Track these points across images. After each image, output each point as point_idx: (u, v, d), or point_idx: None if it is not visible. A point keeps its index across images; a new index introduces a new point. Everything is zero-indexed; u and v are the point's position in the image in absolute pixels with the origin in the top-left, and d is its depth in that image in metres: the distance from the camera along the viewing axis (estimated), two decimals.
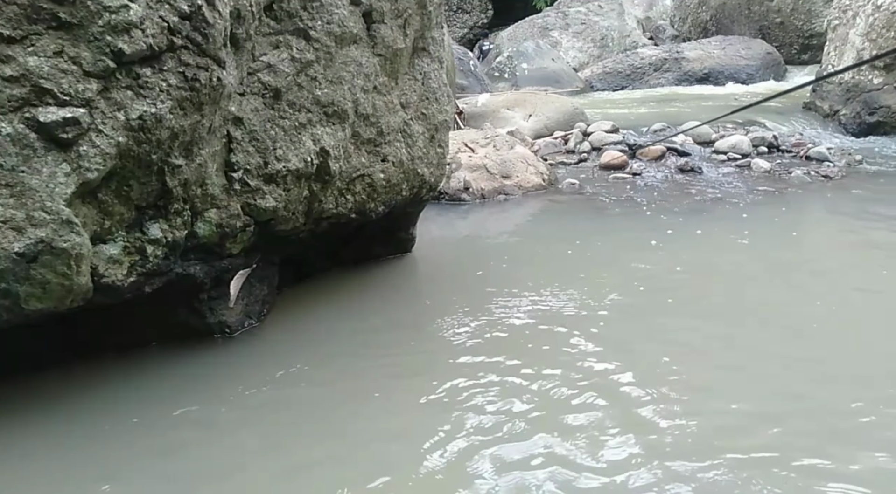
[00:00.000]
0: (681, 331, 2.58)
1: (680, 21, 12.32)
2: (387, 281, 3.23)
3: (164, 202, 2.12)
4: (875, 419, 1.96)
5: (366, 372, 2.33)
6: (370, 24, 2.77)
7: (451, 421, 2.01)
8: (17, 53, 1.69)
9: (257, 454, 1.90)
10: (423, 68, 3.20)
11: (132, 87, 1.86)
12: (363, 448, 1.91)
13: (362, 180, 2.89)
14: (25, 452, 1.92)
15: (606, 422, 1.97)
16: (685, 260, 3.38)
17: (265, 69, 2.37)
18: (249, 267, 2.59)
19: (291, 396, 2.20)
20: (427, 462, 1.83)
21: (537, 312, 2.76)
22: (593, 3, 12.31)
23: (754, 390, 2.14)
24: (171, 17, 1.89)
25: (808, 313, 2.72)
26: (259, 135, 2.37)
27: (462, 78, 8.15)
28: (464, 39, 13.37)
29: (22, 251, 1.76)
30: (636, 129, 6.14)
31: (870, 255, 3.39)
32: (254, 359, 2.44)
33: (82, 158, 1.81)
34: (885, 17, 6.11)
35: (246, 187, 2.37)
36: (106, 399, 2.17)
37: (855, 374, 2.22)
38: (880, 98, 6.28)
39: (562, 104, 6.65)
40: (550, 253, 3.60)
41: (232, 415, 2.10)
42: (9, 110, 1.70)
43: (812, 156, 5.40)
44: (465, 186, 4.65)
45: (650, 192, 4.69)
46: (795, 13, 10.48)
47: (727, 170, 5.18)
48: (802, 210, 4.34)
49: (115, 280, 2.04)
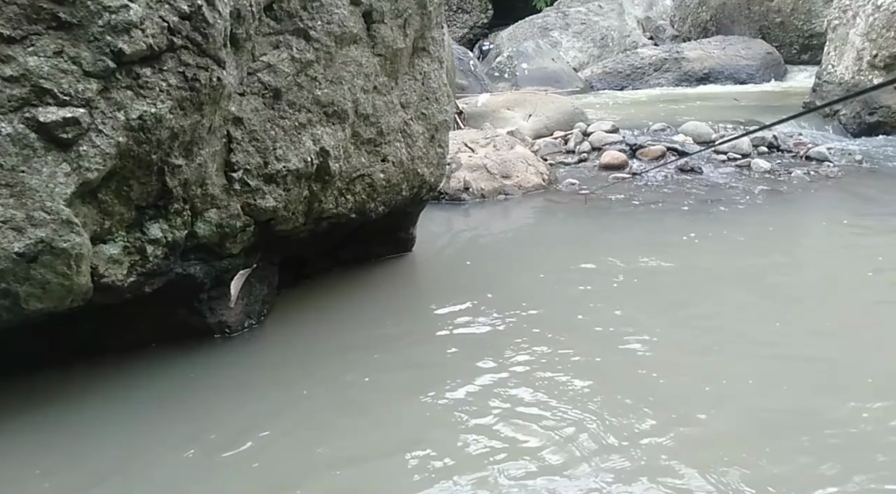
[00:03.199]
0: (682, 332, 2.58)
1: (680, 21, 12.32)
2: (387, 280, 3.23)
3: (164, 202, 2.12)
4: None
5: (366, 372, 2.33)
6: (370, 24, 2.77)
7: (452, 421, 2.01)
8: (17, 53, 1.69)
9: (257, 454, 1.90)
10: (423, 68, 3.20)
11: (132, 87, 1.86)
12: (363, 449, 1.91)
13: (362, 180, 2.89)
14: (25, 452, 1.92)
15: (607, 424, 1.98)
16: (685, 260, 3.38)
17: (265, 69, 2.37)
18: (249, 267, 2.59)
19: (291, 396, 2.20)
20: (427, 463, 1.83)
21: (537, 312, 2.75)
22: (593, 3, 12.31)
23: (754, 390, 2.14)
24: (171, 17, 1.89)
25: (808, 313, 2.72)
26: (259, 135, 2.37)
27: (462, 78, 8.15)
28: (464, 39, 13.37)
29: (22, 251, 1.76)
30: (636, 129, 6.15)
31: (870, 255, 3.39)
32: (254, 359, 2.44)
33: (82, 158, 1.81)
34: (885, 17, 6.11)
35: (246, 187, 2.37)
36: (106, 399, 2.17)
37: (861, 378, 2.22)
38: (880, 98, 6.27)
39: (562, 104, 6.65)
40: (550, 253, 3.60)
41: (232, 415, 2.10)
42: (9, 110, 1.70)
43: (812, 156, 5.39)
44: (465, 186, 4.65)
45: (650, 192, 4.69)
46: (795, 13, 10.48)
47: (727, 170, 5.18)
48: (803, 210, 4.33)
49: (115, 280, 2.04)
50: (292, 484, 1.77)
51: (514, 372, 2.28)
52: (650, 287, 3.00)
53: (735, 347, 2.44)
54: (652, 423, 1.96)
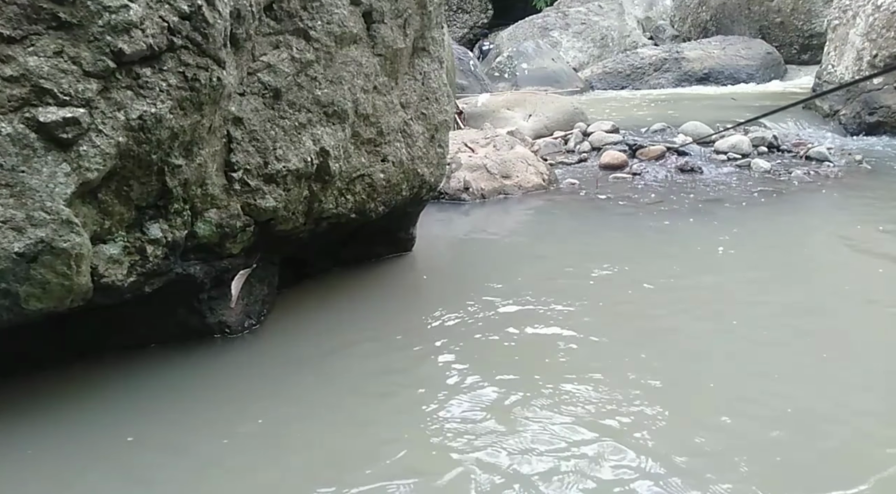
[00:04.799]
0: (683, 333, 2.58)
1: (680, 21, 12.32)
2: (387, 280, 3.23)
3: (164, 202, 2.12)
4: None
5: (366, 372, 2.33)
6: (370, 24, 2.77)
7: (452, 422, 2.01)
8: (17, 53, 1.69)
9: (257, 453, 1.90)
10: (423, 68, 3.20)
11: (132, 87, 1.87)
12: (363, 449, 1.91)
13: (362, 180, 2.89)
14: (25, 452, 1.91)
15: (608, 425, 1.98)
16: (685, 260, 3.38)
17: (265, 69, 2.37)
18: (249, 267, 2.59)
19: (291, 396, 2.20)
20: (428, 463, 1.83)
21: (537, 312, 2.75)
22: (593, 3, 12.31)
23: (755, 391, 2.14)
24: (171, 17, 1.89)
25: (806, 314, 2.72)
26: (259, 135, 2.37)
27: (462, 78, 8.15)
28: (464, 39, 13.37)
29: (22, 251, 1.76)
30: (636, 129, 6.15)
31: (870, 256, 3.39)
32: (254, 359, 2.44)
33: (82, 158, 1.81)
34: (885, 17, 6.11)
35: (246, 187, 2.37)
36: (106, 399, 2.17)
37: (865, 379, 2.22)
38: (880, 98, 6.28)
39: (562, 104, 6.65)
40: (550, 253, 3.60)
41: (232, 416, 2.10)
42: (9, 110, 1.70)
43: (812, 156, 5.39)
44: (465, 186, 4.65)
45: (650, 192, 4.69)
46: (795, 13, 10.48)
47: (727, 170, 5.18)
48: (803, 210, 4.33)
49: (115, 280, 2.04)
50: (292, 484, 1.77)
51: (514, 371, 2.28)
52: (650, 286, 3.00)
53: (735, 347, 2.45)
54: (652, 423, 1.97)
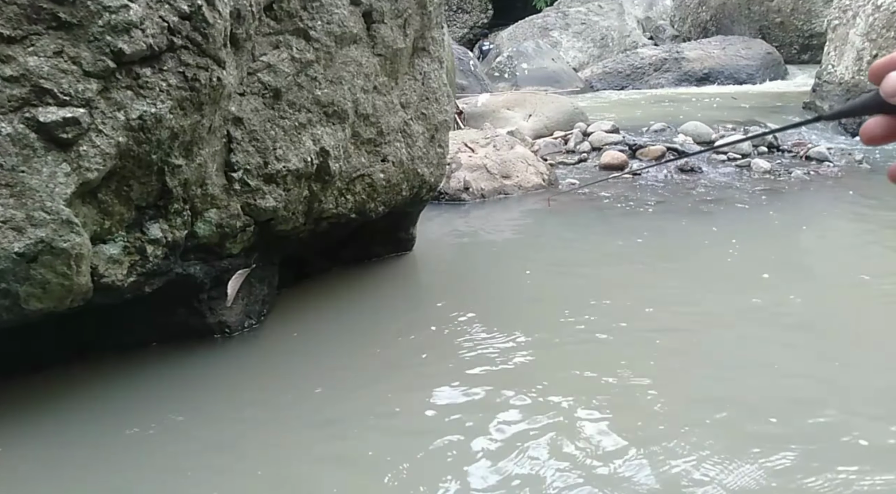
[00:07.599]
0: (684, 334, 2.58)
1: (680, 21, 12.32)
2: (387, 280, 3.23)
3: (164, 202, 2.12)
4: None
5: (366, 371, 2.33)
6: (370, 24, 2.77)
7: (452, 422, 2.01)
8: (17, 53, 1.69)
9: (257, 453, 1.90)
10: (423, 68, 3.20)
11: (132, 87, 1.87)
12: (363, 449, 1.91)
13: (362, 180, 2.89)
14: (25, 452, 1.92)
15: (608, 426, 1.98)
16: (685, 260, 3.38)
17: (265, 69, 2.37)
18: (249, 266, 2.59)
19: (291, 396, 2.20)
20: (428, 463, 1.83)
21: (537, 311, 2.75)
22: (593, 3, 12.31)
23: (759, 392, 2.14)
24: (171, 17, 1.89)
25: (806, 314, 2.72)
26: (259, 135, 2.37)
27: (462, 78, 8.15)
28: (464, 39, 13.38)
29: (22, 251, 1.76)
30: (636, 129, 6.15)
31: (870, 256, 3.39)
32: (254, 359, 2.44)
33: (82, 158, 1.81)
34: (885, 17, 6.11)
35: (246, 187, 2.37)
36: (106, 399, 2.17)
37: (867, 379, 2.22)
38: None
39: (562, 104, 6.65)
40: (550, 253, 3.60)
41: (232, 415, 2.10)
42: (9, 110, 1.70)
43: (812, 156, 5.39)
44: (465, 186, 4.65)
45: (650, 192, 4.69)
46: (795, 13, 10.49)
47: (727, 170, 5.18)
48: (803, 210, 4.33)
49: (115, 280, 2.04)
50: (292, 484, 1.77)
51: (514, 371, 2.28)
52: (650, 286, 3.00)
53: (735, 346, 2.44)
54: (652, 422, 1.97)
